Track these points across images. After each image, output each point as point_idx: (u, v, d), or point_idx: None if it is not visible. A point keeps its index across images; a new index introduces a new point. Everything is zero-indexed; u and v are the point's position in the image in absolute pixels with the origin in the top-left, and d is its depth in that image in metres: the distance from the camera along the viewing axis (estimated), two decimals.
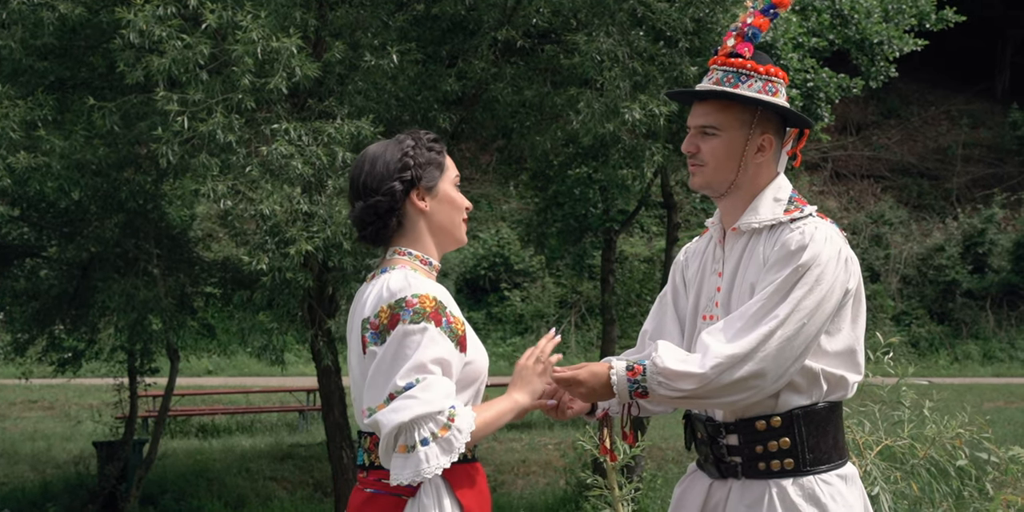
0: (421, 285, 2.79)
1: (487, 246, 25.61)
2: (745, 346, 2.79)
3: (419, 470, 2.66)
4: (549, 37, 11.37)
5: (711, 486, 3.00)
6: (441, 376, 2.73)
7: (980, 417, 5.04)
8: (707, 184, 3.00)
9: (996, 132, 30.47)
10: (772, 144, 2.99)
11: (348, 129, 9.04)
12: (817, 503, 2.87)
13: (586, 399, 2.96)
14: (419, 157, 2.90)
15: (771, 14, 3.01)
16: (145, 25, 8.47)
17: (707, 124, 2.97)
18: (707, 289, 3.05)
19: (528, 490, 15.58)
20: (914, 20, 13.14)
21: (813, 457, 2.90)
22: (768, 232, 2.96)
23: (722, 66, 2.98)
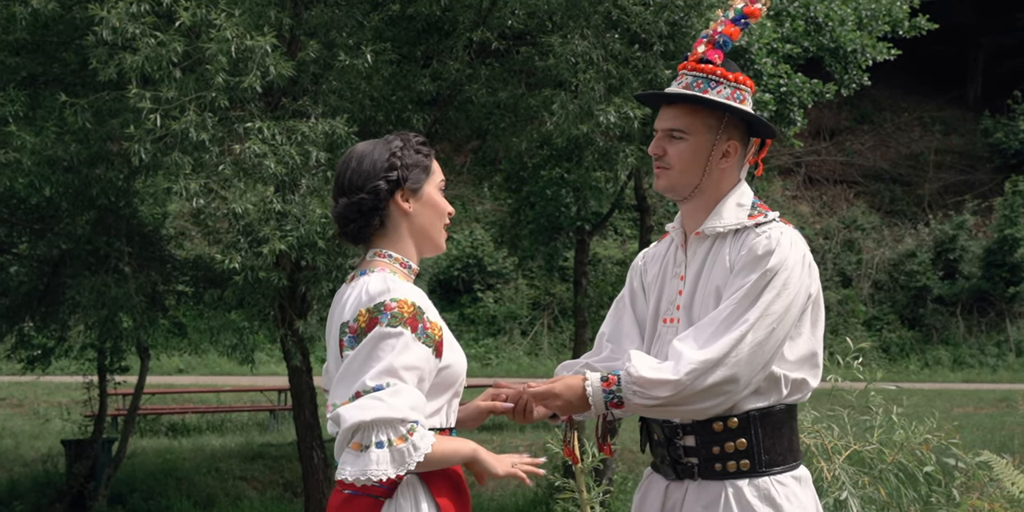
0: (400, 289, 2.78)
1: (460, 247, 25.60)
2: (718, 351, 2.81)
3: (365, 470, 2.66)
4: (524, 39, 11.37)
5: (668, 487, 3.03)
6: (412, 387, 2.72)
7: (949, 422, 5.07)
8: (671, 187, 3.03)
9: (968, 139, 30.69)
10: (737, 150, 3.03)
11: (322, 128, 9.02)
12: (772, 503, 2.90)
13: (562, 412, 2.97)
14: (407, 158, 2.90)
15: (742, 24, 3.07)
16: (118, 22, 8.42)
17: (675, 127, 3.00)
18: (668, 292, 3.08)
19: (499, 492, 15.57)
20: (887, 27, 13.22)
21: (769, 458, 2.93)
22: (733, 237, 2.99)
23: (692, 71, 3.01)
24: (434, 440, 2.72)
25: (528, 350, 24.19)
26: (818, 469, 4.56)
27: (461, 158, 16.06)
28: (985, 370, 24.44)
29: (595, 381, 2.88)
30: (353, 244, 2.96)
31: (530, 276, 25.23)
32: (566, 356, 21.95)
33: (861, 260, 27.10)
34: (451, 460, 2.81)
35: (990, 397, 20.81)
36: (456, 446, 2.82)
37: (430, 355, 2.76)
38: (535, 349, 24.37)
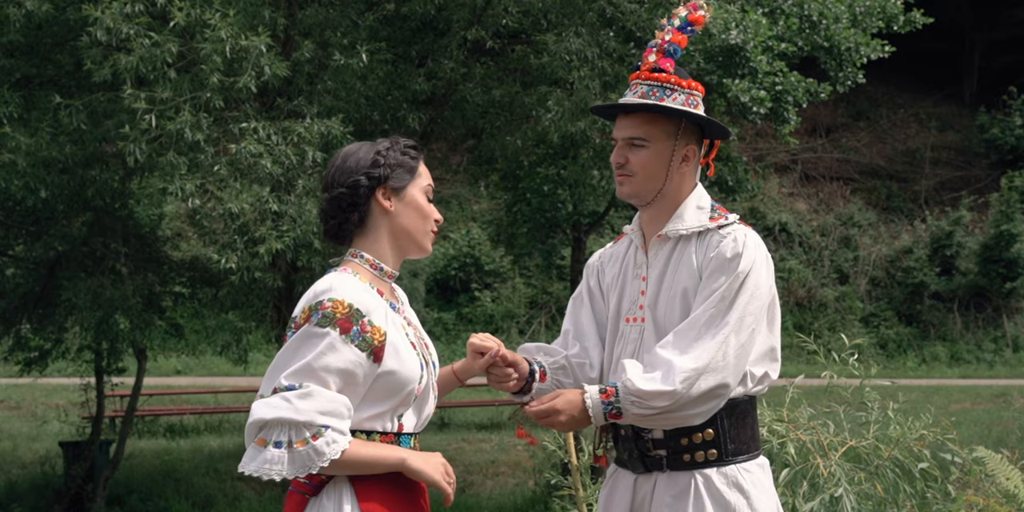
0: (344, 290, 2.76)
1: (457, 246, 25.58)
2: (706, 358, 2.91)
3: (260, 467, 2.67)
4: (519, 37, 11.38)
5: (636, 481, 3.11)
6: (328, 390, 2.69)
7: (946, 418, 5.07)
8: (635, 193, 3.13)
9: (964, 135, 30.70)
10: (695, 154, 3.15)
11: (318, 128, 9.02)
12: (740, 490, 3.01)
13: (565, 427, 3.02)
14: (391, 158, 2.91)
15: (688, 32, 3.16)
16: (112, 23, 8.42)
17: (636, 136, 3.10)
18: (630, 293, 3.17)
19: (497, 491, 15.57)
20: (882, 23, 13.22)
21: (735, 447, 3.04)
22: (697, 238, 3.10)
23: (646, 80, 3.11)
24: (347, 446, 2.70)
25: None
26: (814, 466, 4.57)
27: (457, 157, 16.06)
28: (982, 366, 24.46)
29: (594, 394, 2.95)
30: (336, 243, 2.95)
31: (527, 275, 25.22)
32: None
33: (858, 257, 27.11)
34: (373, 467, 2.76)
35: (987, 393, 20.83)
36: (381, 454, 2.77)
37: (363, 359, 2.73)
38: None
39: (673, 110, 3.06)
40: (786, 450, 4.59)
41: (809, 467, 4.57)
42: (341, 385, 2.72)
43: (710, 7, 3.19)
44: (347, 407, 2.72)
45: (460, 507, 14.78)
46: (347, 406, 2.72)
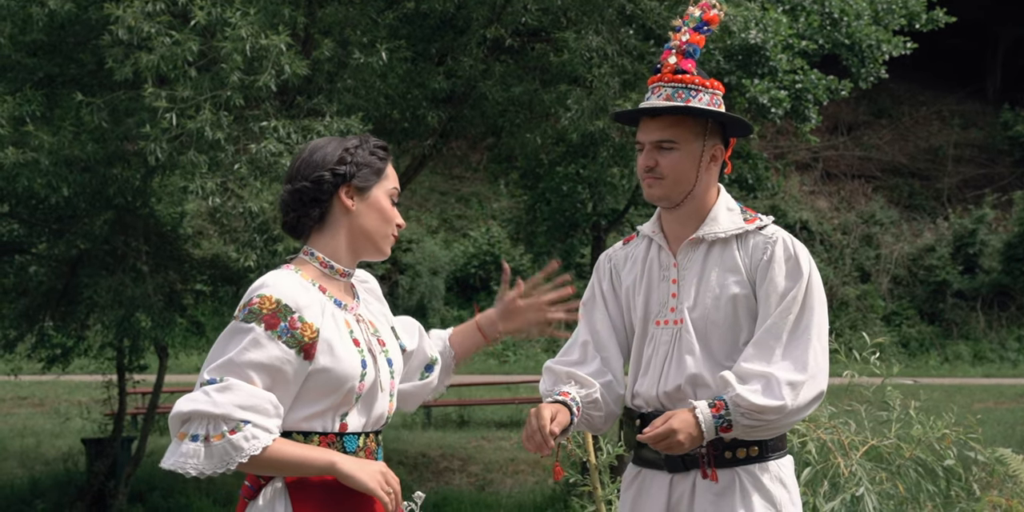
0: (275, 286, 2.71)
1: (477, 245, 25.59)
2: (803, 367, 2.95)
3: (177, 462, 2.63)
4: (539, 35, 11.37)
5: (671, 481, 3.08)
6: (250, 384, 2.64)
7: (969, 417, 5.04)
8: (666, 196, 3.11)
9: (987, 132, 30.52)
10: (722, 153, 3.15)
11: (337, 127, 9.04)
12: (784, 484, 3.04)
13: (684, 448, 2.97)
14: (359, 156, 2.85)
15: (705, 31, 3.15)
16: (134, 21, 8.47)
17: (664, 138, 3.08)
18: (658, 295, 3.14)
19: (517, 489, 15.57)
20: (904, 21, 13.15)
21: (774, 443, 3.06)
22: (738, 242, 3.10)
23: (669, 82, 3.10)
24: (268, 443, 2.63)
25: (545, 347, 24.16)
26: (835, 465, 4.54)
27: (477, 155, 16.07)
28: (1005, 365, 24.31)
29: (704, 409, 2.94)
30: (293, 237, 2.89)
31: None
32: None
33: (880, 255, 26.99)
34: (300, 469, 2.68)
35: (1011, 392, 20.70)
36: (309, 455, 2.68)
37: (292, 356, 2.67)
38: (552, 347, 24.36)
39: (702, 111, 3.06)
40: (807, 449, 4.56)
41: (830, 466, 4.55)
42: (268, 382, 2.66)
43: (723, 5, 3.18)
44: (272, 404, 2.65)
45: (480, 505, 14.79)
46: (272, 403, 2.65)
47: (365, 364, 2.78)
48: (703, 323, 3.05)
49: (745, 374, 2.95)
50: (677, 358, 3.06)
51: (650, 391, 3.08)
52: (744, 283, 3.04)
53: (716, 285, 3.06)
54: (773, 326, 2.97)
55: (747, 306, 3.05)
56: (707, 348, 3.04)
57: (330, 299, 2.80)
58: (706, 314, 3.05)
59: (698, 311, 3.06)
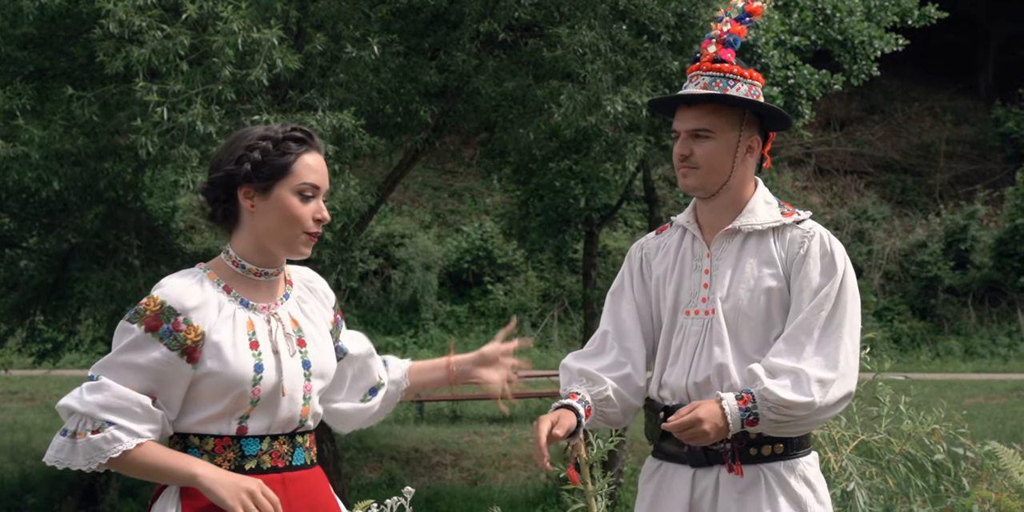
0: (167, 287, 2.66)
1: (470, 240, 25.57)
2: (834, 365, 2.92)
3: (51, 455, 2.61)
4: (532, 30, 11.35)
5: (694, 476, 3.04)
6: (121, 387, 2.60)
7: (958, 412, 5.05)
8: (701, 186, 3.08)
9: (979, 129, 30.56)
10: (758, 145, 3.11)
11: (330, 121, 9.02)
12: (808, 483, 3.00)
13: (709, 438, 2.92)
14: (259, 153, 2.69)
15: (746, 22, 3.14)
16: (125, 15, 8.44)
17: (700, 127, 3.05)
18: (689, 285, 3.10)
19: (509, 484, 15.58)
20: (896, 17, 13.16)
21: (798, 441, 3.02)
22: (775, 234, 3.07)
23: (707, 71, 3.07)
24: (130, 447, 2.58)
25: (538, 342, 24.16)
26: (825, 460, 4.55)
27: (470, 150, 16.06)
28: (996, 360, 24.36)
29: (731, 401, 2.91)
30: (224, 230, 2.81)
31: (540, 268, 25.21)
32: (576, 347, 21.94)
33: (872, 251, 27.03)
34: (164, 476, 2.61)
35: (1001, 387, 20.75)
36: (172, 464, 2.61)
37: (173, 358, 2.61)
38: (545, 341, 24.37)
39: (739, 100, 3.03)
40: None
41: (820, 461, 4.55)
42: (148, 384, 2.61)
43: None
44: (142, 407, 2.59)
45: (472, 499, 14.80)
46: (142, 406, 2.59)
47: (260, 368, 2.66)
48: (735, 314, 3.02)
49: (774, 369, 2.92)
50: (707, 349, 3.02)
51: (679, 382, 3.04)
52: (779, 276, 3.02)
53: (750, 277, 3.03)
54: (804, 322, 2.94)
55: (781, 300, 3.02)
56: (737, 340, 3.01)
57: (235, 299, 2.70)
58: (739, 305, 3.02)
59: (731, 302, 3.03)
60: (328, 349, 2.82)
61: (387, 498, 3.65)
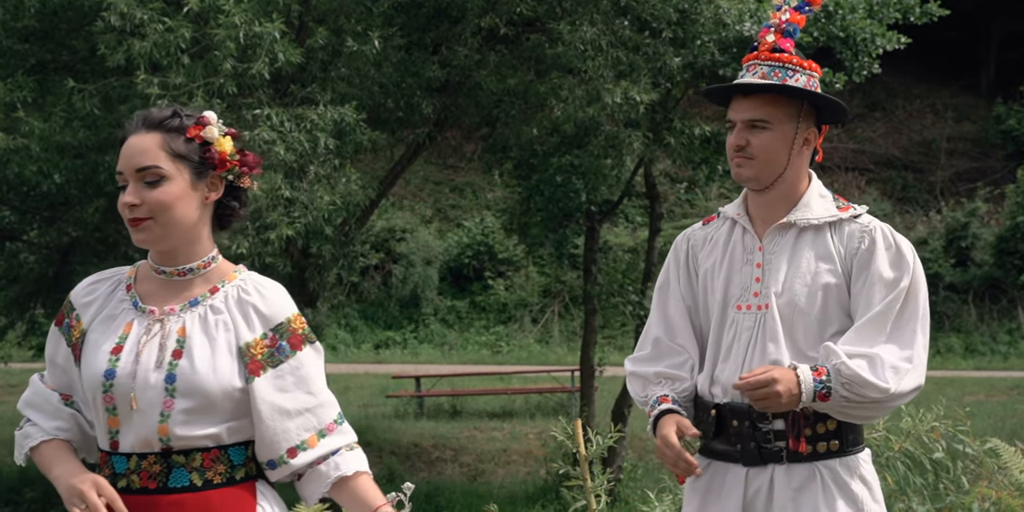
0: (79, 283, 2.63)
1: (471, 235, 25.57)
2: (910, 359, 2.88)
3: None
4: (533, 25, 11.35)
5: (747, 475, 2.98)
6: (38, 382, 2.59)
7: (959, 409, 5.04)
8: (755, 177, 3.01)
9: (980, 126, 30.54)
10: (815, 137, 3.05)
11: (331, 116, 9.02)
12: (864, 481, 2.95)
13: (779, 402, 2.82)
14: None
15: (806, 11, 3.08)
16: (126, 8, 8.44)
17: (758, 118, 2.99)
18: (740, 280, 3.03)
19: (509, 479, 15.59)
20: (898, 14, 13.14)
21: (853, 438, 2.97)
22: (832, 229, 3.00)
23: (766, 61, 3.01)
24: (35, 443, 2.54)
25: (539, 338, 24.17)
26: None
27: (471, 145, 16.05)
28: (997, 358, 24.37)
29: (806, 371, 2.84)
30: None
31: (540, 263, 25.20)
32: (576, 344, 21.94)
33: None
34: (50, 477, 2.51)
35: (1002, 385, 20.75)
36: (51, 465, 2.50)
37: (68, 353, 2.55)
38: (546, 337, 24.37)
39: (798, 91, 2.97)
40: None
41: None
42: (62, 380, 2.58)
43: None
44: (51, 404, 2.55)
45: (471, 495, 14.80)
46: (51, 403, 2.55)
47: (112, 374, 2.45)
48: (790, 310, 2.95)
49: (849, 352, 2.85)
50: (761, 345, 2.95)
51: (731, 379, 2.96)
52: (837, 273, 2.95)
53: (807, 272, 2.96)
54: (879, 315, 2.88)
55: (838, 297, 2.95)
56: (791, 336, 2.94)
57: (130, 299, 2.55)
58: (794, 301, 2.95)
59: (786, 297, 2.95)
60: (212, 368, 2.47)
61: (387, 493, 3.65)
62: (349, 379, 19.68)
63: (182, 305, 2.53)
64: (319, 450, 2.55)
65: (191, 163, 2.50)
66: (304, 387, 2.54)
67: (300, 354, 2.55)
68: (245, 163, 2.59)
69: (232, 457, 2.52)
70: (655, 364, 3.11)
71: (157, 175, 2.47)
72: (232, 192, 2.61)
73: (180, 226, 2.51)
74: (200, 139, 2.54)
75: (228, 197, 2.60)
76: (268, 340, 2.52)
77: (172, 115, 2.54)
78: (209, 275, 2.58)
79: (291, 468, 2.54)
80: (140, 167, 2.48)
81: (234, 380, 2.47)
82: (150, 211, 2.47)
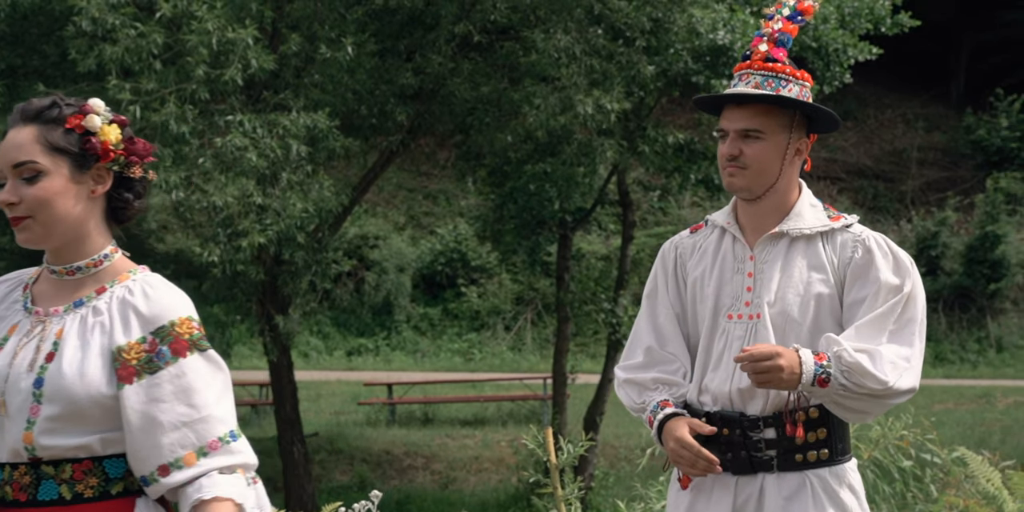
0: None
1: (444, 242, 25.54)
2: (909, 359, 2.87)
3: None
4: (507, 33, 11.36)
5: (737, 483, 2.98)
6: None
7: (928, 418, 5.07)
8: (748, 187, 3.02)
9: (950, 136, 30.78)
10: (807, 148, 3.06)
11: (303, 122, 9.00)
12: (852, 490, 2.96)
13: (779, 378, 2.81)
14: None
15: (798, 21, 3.08)
16: (98, 13, 8.40)
17: (751, 127, 2.99)
18: (731, 289, 3.03)
19: (480, 487, 15.57)
20: (870, 25, 13.23)
21: (842, 447, 2.97)
22: (824, 239, 3.01)
23: (759, 70, 3.01)
24: None
25: (511, 345, 24.17)
26: None
27: (445, 152, 16.04)
28: (966, 366, 24.53)
29: (807, 354, 2.84)
30: None
31: (513, 271, 25.20)
32: (548, 351, 21.97)
33: None
34: None
35: (970, 393, 20.89)
36: None
37: None
38: (518, 344, 24.37)
39: (794, 102, 2.97)
40: None
41: None
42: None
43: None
44: None
45: (443, 502, 14.77)
46: None
47: None
48: (782, 319, 2.95)
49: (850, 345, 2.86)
50: None
51: (722, 387, 2.97)
52: (829, 283, 2.96)
53: (799, 282, 2.97)
54: (880, 316, 2.88)
55: (831, 307, 2.96)
56: (783, 345, 2.92)
57: (23, 299, 2.43)
58: (787, 310, 2.96)
59: (778, 306, 2.96)
60: (79, 372, 2.29)
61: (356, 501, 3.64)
62: (321, 386, 19.61)
63: (66, 306, 2.38)
64: (194, 470, 2.30)
65: (70, 155, 2.35)
66: (184, 398, 2.30)
67: (184, 361, 2.32)
68: (133, 152, 2.42)
69: (108, 470, 2.31)
70: (650, 371, 3.11)
71: (33, 171, 2.32)
72: (124, 184, 2.43)
73: (63, 223, 2.35)
74: (81, 129, 2.38)
75: (120, 189, 2.43)
76: (147, 344, 2.32)
77: (50, 106, 2.38)
78: (100, 274, 2.42)
79: (163, 487, 2.29)
80: (15, 163, 2.32)
81: (103, 387, 2.27)
82: (28, 209, 2.33)
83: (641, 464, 5.21)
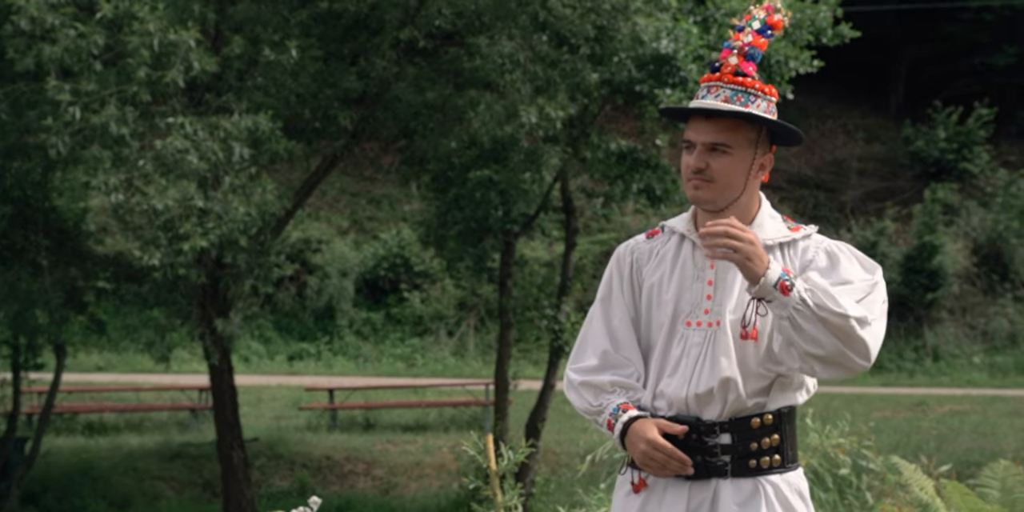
0: None
1: (387, 247, 25.46)
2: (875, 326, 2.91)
3: None
4: (452, 39, 11.36)
5: (690, 488, 2.97)
6: None
7: (866, 426, 5.12)
8: (712, 200, 3.03)
9: (890, 147, 31.19)
10: (770, 163, 3.10)
11: (245, 124, 8.94)
12: (803, 498, 2.98)
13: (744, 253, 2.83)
14: None
15: (768, 35, 3.10)
16: (36, 12, 8.29)
17: (720, 142, 3.01)
18: (691, 296, 3.04)
19: (421, 493, 15.52)
20: (811, 36, 13.38)
21: (792, 454, 2.99)
22: (784, 249, 3.05)
23: (729, 84, 3.03)
24: None
25: (454, 350, 24.13)
26: None
27: (388, 157, 15.99)
28: (903, 375, 24.85)
29: (775, 261, 2.88)
30: None
31: (457, 276, 25.15)
32: (491, 357, 21.94)
33: None
34: None
35: (907, 401, 21.17)
36: None
37: None
38: (461, 350, 24.34)
39: (762, 119, 3.01)
40: None
41: None
42: None
43: (788, 12, 3.10)
44: None
45: (383, 508, 14.72)
46: None
47: None
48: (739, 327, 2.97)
49: None
50: (711, 360, 2.96)
51: (678, 393, 2.98)
52: None
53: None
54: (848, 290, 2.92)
55: None
56: (742, 352, 2.96)
57: None
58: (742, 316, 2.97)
59: (739, 314, 2.97)
60: None
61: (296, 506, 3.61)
62: (262, 391, 19.45)
63: None
64: None
65: None
66: None
67: None
68: None
69: None
70: (605, 374, 3.09)
71: None
72: None
73: None
74: None
75: None
76: None
77: None
78: None
79: None
80: None
81: None
82: None
83: (581, 471, 5.22)
